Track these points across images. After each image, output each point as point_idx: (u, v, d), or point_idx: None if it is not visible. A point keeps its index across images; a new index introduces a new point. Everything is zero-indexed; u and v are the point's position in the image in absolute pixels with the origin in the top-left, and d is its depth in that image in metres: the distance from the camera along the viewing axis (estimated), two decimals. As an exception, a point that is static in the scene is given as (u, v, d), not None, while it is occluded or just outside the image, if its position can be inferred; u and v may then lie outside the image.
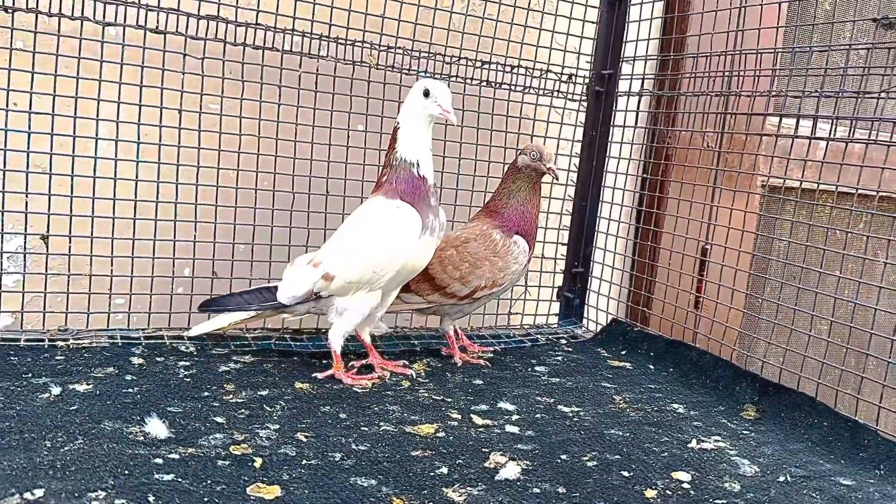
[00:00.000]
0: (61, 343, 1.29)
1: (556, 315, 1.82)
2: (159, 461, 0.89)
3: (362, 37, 1.48)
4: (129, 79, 1.34)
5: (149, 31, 1.33)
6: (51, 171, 1.31)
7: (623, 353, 1.57)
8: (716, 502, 0.93)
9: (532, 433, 1.10)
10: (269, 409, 1.09)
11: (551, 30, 1.69)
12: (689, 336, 1.58)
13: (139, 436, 0.95)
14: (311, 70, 1.47)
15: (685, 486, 0.97)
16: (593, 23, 1.73)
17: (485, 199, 1.55)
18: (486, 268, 1.40)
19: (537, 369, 1.42)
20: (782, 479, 1.01)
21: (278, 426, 1.03)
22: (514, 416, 1.16)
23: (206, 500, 0.81)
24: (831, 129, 1.32)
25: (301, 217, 1.50)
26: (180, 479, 0.85)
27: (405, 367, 1.33)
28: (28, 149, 1.29)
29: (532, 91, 1.69)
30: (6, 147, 1.29)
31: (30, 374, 1.13)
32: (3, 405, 1.00)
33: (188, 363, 1.25)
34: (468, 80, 1.61)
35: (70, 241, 1.34)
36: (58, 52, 1.29)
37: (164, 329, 1.42)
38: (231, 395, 1.13)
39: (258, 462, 0.91)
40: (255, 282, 1.46)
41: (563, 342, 1.65)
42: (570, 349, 1.59)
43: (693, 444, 1.11)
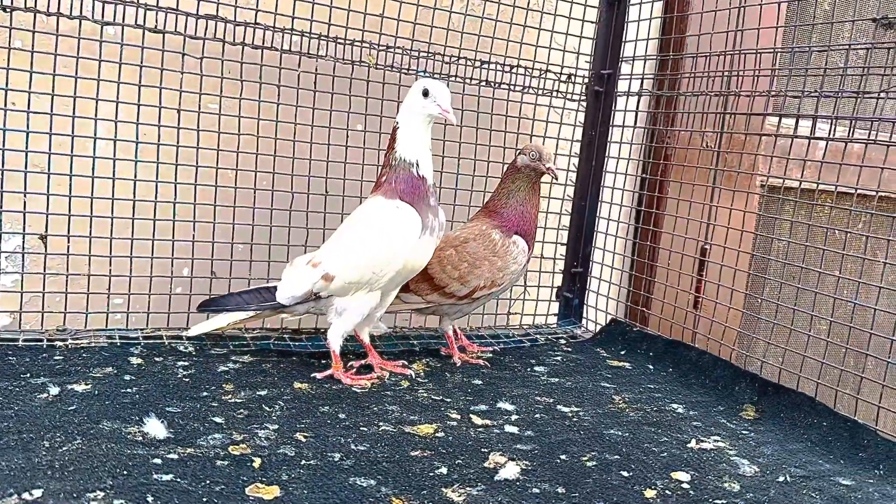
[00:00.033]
0: (60, 343, 1.29)
1: (555, 315, 1.82)
2: (158, 461, 0.89)
3: (361, 36, 1.48)
4: (127, 78, 1.34)
5: (147, 30, 1.33)
6: (49, 170, 1.31)
7: (622, 353, 1.57)
8: (715, 502, 0.93)
9: (531, 433, 1.09)
10: (267, 409, 1.09)
11: (550, 29, 1.69)
12: (689, 336, 1.58)
13: (138, 436, 0.95)
14: (310, 70, 1.47)
15: (684, 486, 0.97)
16: (592, 22, 1.73)
17: (484, 198, 1.55)
18: (486, 268, 1.39)
19: (536, 369, 1.42)
20: (782, 479, 1.01)
21: (277, 426, 1.03)
22: (514, 416, 1.16)
23: (204, 500, 0.81)
24: (830, 129, 1.32)
25: (300, 217, 1.50)
26: (179, 480, 0.85)
27: (404, 367, 1.33)
28: (26, 148, 1.29)
29: (531, 91, 1.69)
30: (4, 147, 1.29)
31: (28, 374, 1.12)
32: (1, 405, 1.00)
33: (187, 363, 1.25)
34: (467, 80, 1.61)
35: (68, 241, 1.34)
36: (56, 51, 1.28)
37: (162, 329, 1.42)
38: (230, 396, 1.13)
39: (257, 462, 0.91)
40: (253, 282, 1.45)
41: (563, 342, 1.65)
42: (570, 349, 1.59)
43: (692, 444, 1.11)
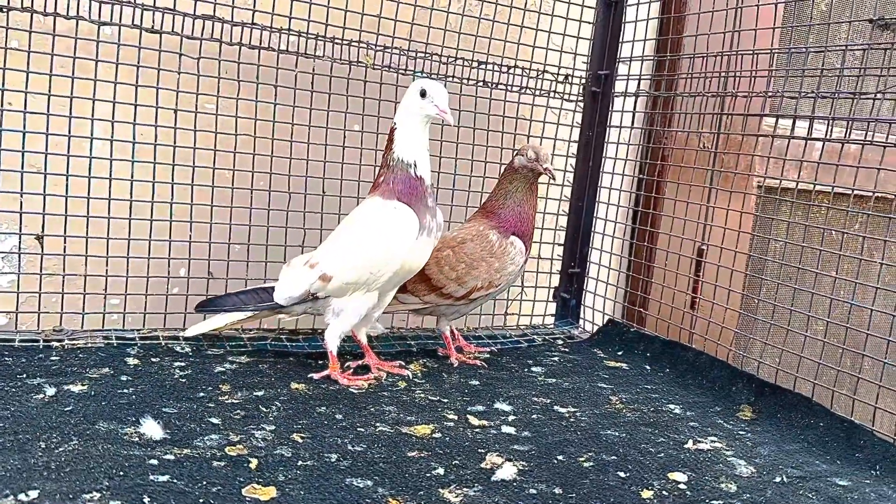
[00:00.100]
0: (56, 343, 1.28)
1: (552, 315, 1.82)
2: (154, 462, 0.88)
3: (359, 37, 1.48)
4: (124, 78, 1.34)
5: (144, 30, 1.33)
6: (46, 170, 1.31)
7: (619, 353, 1.57)
8: (712, 503, 0.93)
9: (528, 434, 1.09)
10: (264, 409, 1.09)
11: (548, 30, 1.69)
12: (686, 336, 1.58)
13: (134, 437, 0.95)
14: (308, 70, 1.47)
15: (681, 486, 0.97)
16: (590, 23, 1.73)
17: (481, 199, 1.55)
18: (483, 268, 1.39)
19: (534, 370, 1.42)
20: (778, 479, 1.01)
21: (274, 427, 1.03)
22: (511, 417, 1.16)
23: (201, 501, 0.81)
24: (827, 130, 1.32)
25: (297, 217, 1.50)
26: (175, 481, 0.84)
27: (401, 367, 1.33)
28: (23, 148, 1.29)
29: (528, 91, 1.69)
30: (1, 147, 1.28)
31: (24, 375, 1.12)
32: (-3, 406, 1.00)
33: (184, 364, 1.25)
34: (465, 81, 1.61)
35: (65, 241, 1.34)
36: (53, 51, 1.28)
37: (159, 329, 1.41)
38: (227, 396, 1.12)
39: (254, 463, 0.91)
40: (251, 282, 1.45)
41: (560, 343, 1.65)
42: (567, 350, 1.59)
43: (689, 444, 1.11)
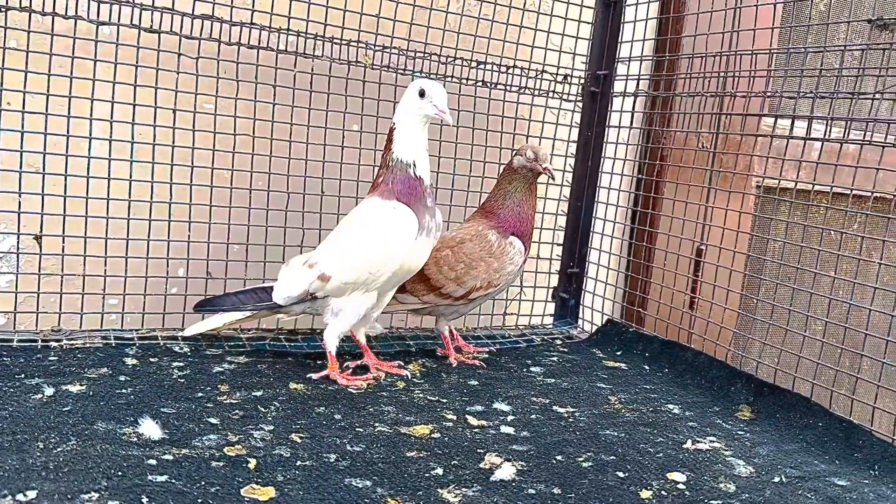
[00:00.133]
0: (54, 344, 1.28)
1: (551, 315, 1.82)
2: (153, 462, 0.88)
3: (357, 37, 1.48)
4: (123, 78, 1.34)
5: (143, 30, 1.33)
6: (44, 170, 1.31)
7: (618, 353, 1.57)
8: (711, 503, 0.93)
9: (527, 434, 1.09)
10: (263, 409, 1.09)
11: (547, 30, 1.69)
12: (685, 337, 1.58)
13: (133, 437, 0.95)
14: (307, 70, 1.47)
15: (680, 486, 0.97)
16: (589, 23, 1.73)
17: (480, 199, 1.55)
18: (482, 268, 1.39)
19: (532, 370, 1.42)
20: (777, 479, 1.01)
21: (273, 427, 1.02)
22: (510, 417, 1.16)
23: (199, 501, 0.81)
24: (826, 130, 1.32)
25: (296, 217, 1.50)
26: (174, 481, 0.84)
27: (400, 367, 1.33)
28: (21, 148, 1.29)
29: (527, 91, 1.69)
30: (-1, 146, 1.29)
31: (23, 375, 1.12)
32: (-5, 406, 1.00)
33: (182, 364, 1.25)
34: (464, 81, 1.61)
35: (63, 241, 1.34)
36: (51, 51, 1.28)
37: (158, 329, 1.41)
38: (225, 396, 1.12)
39: (252, 463, 0.91)
40: (249, 282, 1.45)
41: (559, 343, 1.65)
42: (566, 350, 1.59)
43: (688, 444, 1.11)
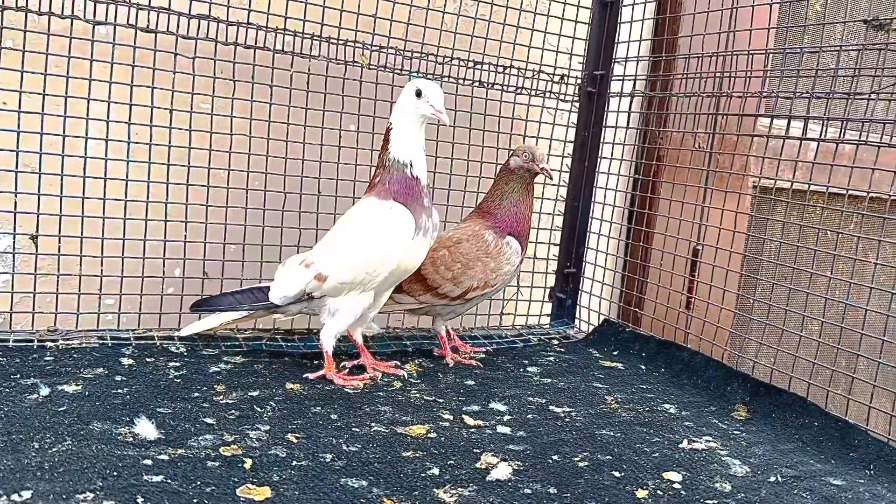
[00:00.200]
0: (50, 344, 1.28)
1: (548, 315, 1.82)
2: (148, 462, 0.88)
3: (354, 36, 1.48)
4: (119, 78, 1.34)
5: (139, 30, 1.33)
6: (40, 170, 1.30)
7: (615, 353, 1.57)
8: (707, 502, 0.93)
9: (524, 434, 1.09)
10: (259, 409, 1.08)
11: (543, 30, 1.69)
12: (681, 336, 1.58)
13: (128, 437, 0.95)
14: (303, 70, 1.46)
15: (676, 486, 0.97)
16: (585, 24, 1.73)
17: (477, 199, 1.55)
18: (479, 269, 1.39)
19: (529, 370, 1.42)
20: (773, 479, 1.01)
21: (269, 427, 1.02)
22: (506, 417, 1.16)
23: (195, 501, 0.81)
24: (822, 131, 1.32)
25: (292, 217, 1.50)
26: (169, 481, 0.84)
27: (397, 367, 1.33)
28: (17, 148, 1.29)
29: (524, 91, 1.69)
30: (-5, 146, 1.28)
31: (18, 375, 1.12)
32: (-10, 406, 1.00)
33: (178, 364, 1.25)
34: (460, 81, 1.61)
35: (59, 242, 1.34)
36: (48, 51, 1.28)
37: (154, 329, 1.41)
38: (221, 396, 1.12)
39: (248, 463, 0.91)
40: (246, 282, 1.45)
41: (555, 343, 1.65)
42: (562, 350, 1.59)
43: (684, 444, 1.11)
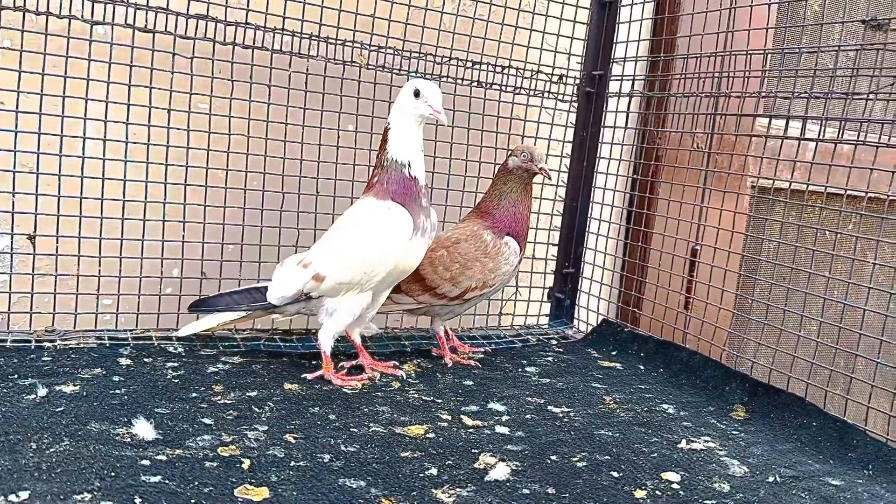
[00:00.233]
0: (48, 344, 1.28)
1: (546, 316, 1.82)
2: (146, 463, 0.88)
3: (352, 36, 1.48)
4: (117, 78, 1.33)
5: (137, 29, 1.33)
6: (38, 170, 1.30)
7: (613, 353, 1.57)
8: (705, 502, 0.93)
9: (522, 434, 1.09)
10: (257, 410, 1.08)
11: (542, 30, 1.69)
12: (679, 336, 1.58)
13: (126, 437, 0.95)
14: (301, 70, 1.46)
15: (675, 486, 0.97)
16: (584, 24, 1.73)
17: (476, 199, 1.55)
18: (477, 269, 1.39)
19: (528, 370, 1.42)
20: (771, 479, 1.01)
21: (267, 427, 1.02)
22: (505, 417, 1.16)
23: (193, 501, 0.81)
24: (820, 131, 1.32)
25: (291, 217, 1.50)
26: (167, 481, 0.84)
27: (395, 367, 1.32)
28: (15, 148, 1.28)
29: (522, 92, 1.69)
30: (-7, 146, 1.28)
31: (16, 375, 1.12)
32: (-12, 407, 1.00)
33: (176, 364, 1.25)
34: (459, 81, 1.61)
35: (57, 242, 1.34)
36: (45, 50, 1.28)
37: (152, 330, 1.41)
38: (219, 397, 1.12)
39: (246, 463, 0.91)
40: (244, 282, 1.45)
41: (554, 343, 1.65)
42: (561, 350, 1.59)
43: (683, 444, 1.11)
